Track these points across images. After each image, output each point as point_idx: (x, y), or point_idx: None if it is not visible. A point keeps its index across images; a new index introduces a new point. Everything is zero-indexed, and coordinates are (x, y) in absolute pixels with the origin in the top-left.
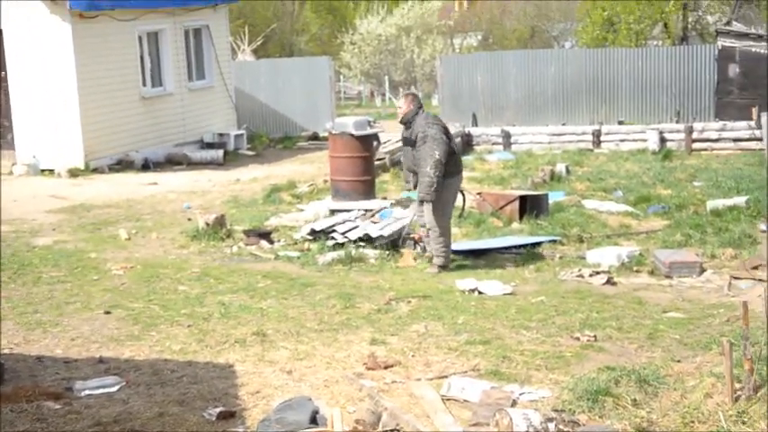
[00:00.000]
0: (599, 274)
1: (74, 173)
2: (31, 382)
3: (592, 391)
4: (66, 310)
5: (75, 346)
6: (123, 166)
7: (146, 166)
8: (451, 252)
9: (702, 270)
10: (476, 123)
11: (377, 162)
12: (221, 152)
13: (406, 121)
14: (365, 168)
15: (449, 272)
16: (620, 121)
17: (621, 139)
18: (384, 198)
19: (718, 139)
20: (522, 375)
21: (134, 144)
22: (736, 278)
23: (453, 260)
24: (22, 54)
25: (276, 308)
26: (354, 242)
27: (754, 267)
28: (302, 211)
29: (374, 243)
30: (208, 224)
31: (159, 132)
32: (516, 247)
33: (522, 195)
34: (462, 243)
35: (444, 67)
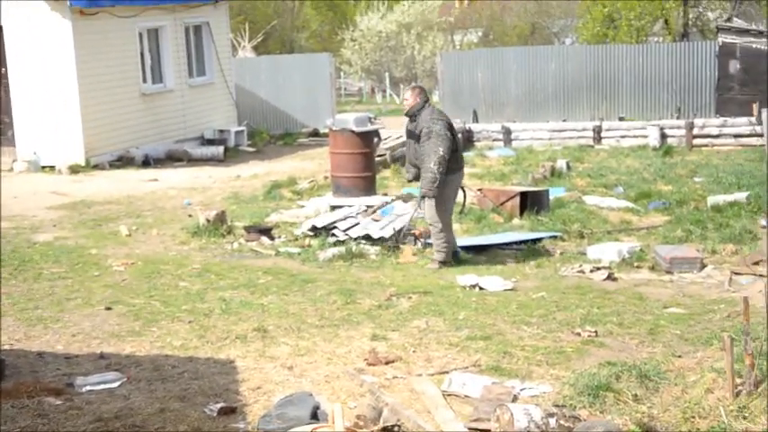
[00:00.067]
0: (600, 269)
1: (74, 169)
2: (31, 377)
3: (593, 386)
4: (67, 306)
5: (76, 341)
6: (124, 162)
7: (146, 163)
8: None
9: (703, 266)
10: (476, 120)
11: (377, 158)
12: (222, 149)
13: (411, 114)
14: (366, 165)
15: (449, 267)
16: (620, 118)
17: (622, 136)
18: (385, 194)
19: (718, 135)
20: (523, 371)
21: (134, 140)
22: (736, 274)
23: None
24: (23, 51)
25: (277, 304)
26: (355, 239)
27: (755, 263)
28: (303, 207)
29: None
30: (208, 220)
31: (160, 129)
32: (517, 243)
33: (523, 191)
34: (463, 239)
35: (445, 63)
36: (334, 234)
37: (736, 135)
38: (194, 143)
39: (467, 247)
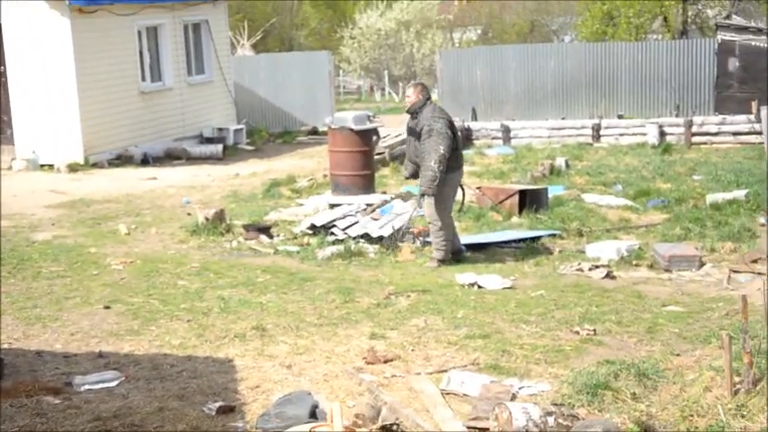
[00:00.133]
0: (598, 267)
1: (73, 168)
2: (30, 376)
3: (591, 384)
4: (66, 305)
5: (75, 340)
6: (122, 160)
7: (145, 161)
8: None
9: (702, 264)
10: (475, 118)
11: (376, 156)
12: (220, 147)
13: (413, 111)
14: (365, 163)
15: (448, 266)
16: (619, 116)
17: (621, 133)
18: (384, 192)
19: (717, 133)
20: (522, 369)
21: (133, 139)
22: (735, 272)
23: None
24: (22, 49)
25: (276, 302)
26: (354, 237)
27: (754, 261)
28: (302, 205)
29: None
30: (207, 219)
31: (158, 127)
32: (516, 241)
33: (522, 189)
34: (462, 237)
35: (444, 61)
36: (333, 233)
37: (735, 133)
38: (193, 141)
39: (465, 246)
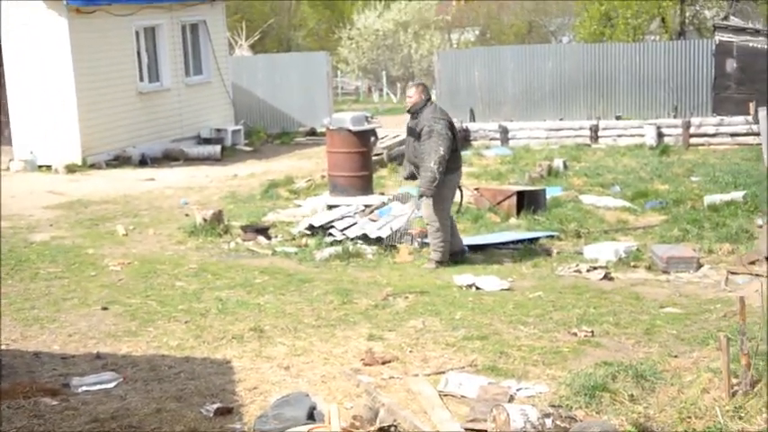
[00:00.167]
0: (596, 269)
1: (71, 168)
2: (28, 378)
3: (589, 386)
4: (64, 306)
5: (73, 342)
6: (120, 161)
7: (143, 162)
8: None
9: (699, 265)
10: (473, 119)
11: (374, 157)
12: (218, 148)
13: (413, 112)
14: (363, 164)
15: (446, 267)
16: (617, 117)
17: (619, 135)
18: (382, 193)
19: (715, 134)
20: (520, 371)
21: (131, 140)
22: (733, 273)
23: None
24: (19, 50)
25: (273, 304)
26: (352, 239)
27: (752, 262)
28: (300, 206)
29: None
30: (205, 220)
31: (156, 128)
32: (514, 242)
33: (520, 191)
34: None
35: (442, 62)
36: (331, 234)
37: (732, 134)
38: (191, 142)
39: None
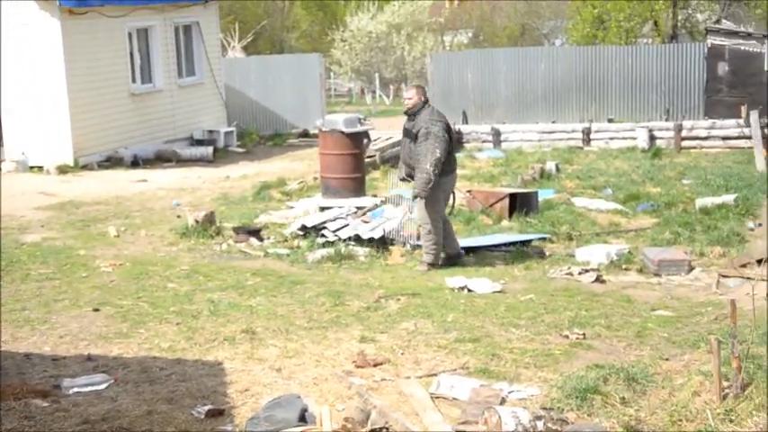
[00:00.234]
0: (588, 272)
1: (63, 169)
2: (18, 379)
3: (580, 389)
4: (55, 308)
5: (64, 343)
6: (112, 162)
7: (135, 163)
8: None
9: (691, 268)
10: (466, 121)
11: (367, 159)
12: (211, 149)
13: (411, 113)
14: (355, 166)
15: (438, 269)
16: (609, 119)
17: (611, 137)
18: (374, 195)
19: (707, 138)
20: (511, 373)
21: (123, 141)
22: (724, 276)
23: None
24: (12, 50)
25: (265, 305)
26: (344, 240)
27: (743, 265)
28: (292, 208)
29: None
30: (197, 221)
31: (149, 129)
32: (506, 244)
33: (512, 193)
34: None
35: (435, 64)
36: (323, 235)
37: (724, 137)
38: (183, 144)
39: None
